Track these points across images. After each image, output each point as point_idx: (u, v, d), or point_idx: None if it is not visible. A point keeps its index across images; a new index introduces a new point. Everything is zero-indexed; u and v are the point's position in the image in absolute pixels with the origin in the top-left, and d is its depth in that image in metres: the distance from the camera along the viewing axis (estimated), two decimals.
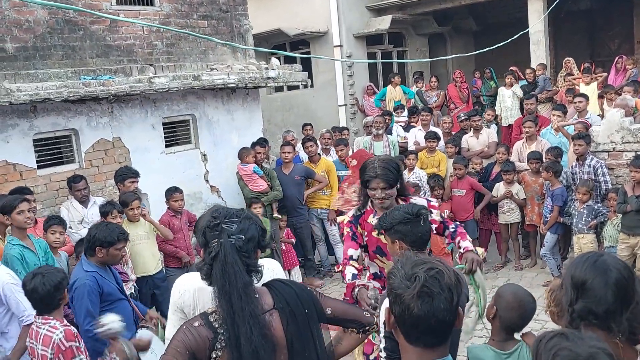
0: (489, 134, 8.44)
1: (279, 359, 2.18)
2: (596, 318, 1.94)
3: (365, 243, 3.68)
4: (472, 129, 8.54)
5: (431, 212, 3.49)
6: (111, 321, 3.21)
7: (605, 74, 10.25)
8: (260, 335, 2.09)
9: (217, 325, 2.10)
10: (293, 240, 7.59)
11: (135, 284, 5.45)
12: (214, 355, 2.08)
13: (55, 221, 5.15)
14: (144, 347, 3.41)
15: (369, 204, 3.71)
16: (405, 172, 7.54)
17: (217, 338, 2.09)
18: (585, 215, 6.42)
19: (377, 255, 3.65)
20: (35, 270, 3.54)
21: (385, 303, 3.64)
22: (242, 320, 2.07)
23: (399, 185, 3.64)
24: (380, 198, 3.53)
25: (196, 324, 2.12)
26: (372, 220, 3.59)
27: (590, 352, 1.59)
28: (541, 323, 5.03)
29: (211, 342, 2.08)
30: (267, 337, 2.12)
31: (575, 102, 8.01)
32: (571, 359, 1.59)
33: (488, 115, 9.28)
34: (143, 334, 4.12)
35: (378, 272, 3.72)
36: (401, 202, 3.62)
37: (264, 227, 2.31)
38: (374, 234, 3.60)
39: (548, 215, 6.82)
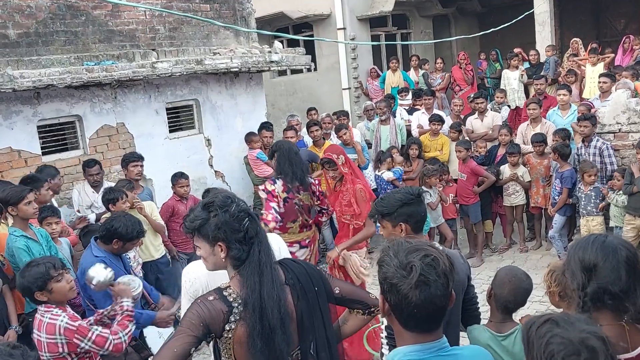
0: (494, 117, 8.35)
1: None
2: (611, 298, 1.94)
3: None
4: (476, 111, 8.48)
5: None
6: (96, 272, 3.20)
7: (612, 55, 10.12)
8: (285, 304, 2.17)
9: (231, 300, 2.14)
10: None
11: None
12: (227, 328, 2.13)
13: (48, 212, 5.03)
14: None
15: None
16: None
17: (232, 312, 2.13)
18: (593, 197, 6.40)
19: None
20: (29, 262, 3.53)
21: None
22: (271, 290, 2.13)
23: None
24: None
25: (210, 297, 2.16)
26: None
27: (581, 337, 1.59)
28: (546, 305, 5.04)
29: (225, 315, 2.12)
30: (288, 307, 2.20)
31: (599, 82, 7.90)
32: (564, 346, 1.59)
33: (498, 97, 9.17)
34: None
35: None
36: None
37: None
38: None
39: (556, 197, 6.79)
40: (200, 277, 2.67)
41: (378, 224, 3.69)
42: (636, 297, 1.95)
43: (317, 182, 5.30)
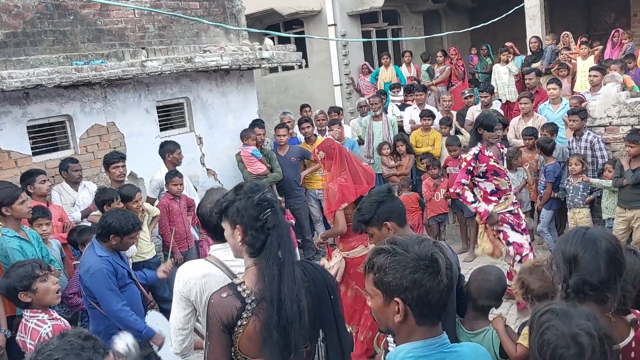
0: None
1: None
2: (592, 289, 1.96)
3: (481, 172, 5.33)
4: (481, 104, 8.39)
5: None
6: (126, 343, 3.07)
7: (600, 47, 10.15)
8: (305, 301, 2.19)
9: (245, 296, 2.17)
10: (293, 221, 7.57)
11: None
12: (239, 323, 2.15)
13: (39, 214, 4.96)
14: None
15: (480, 142, 5.28)
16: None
17: (245, 308, 2.15)
18: (581, 190, 6.43)
19: (494, 177, 5.33)
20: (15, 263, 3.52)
21: None
22: (292, 284, 2.15)
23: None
24: (498, 137, 5.35)
25: (224, 294, 2.18)
26: (488, 152, 5.27)
27: (573, 332, 1.65)
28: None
29: (238, 312, 2.15)
30: (305, 302, 2.23)
31: (590, 76, 7.91)
32: (557, 338, 1.67)
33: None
34: (152, 316, 4.16)
35: (494, 189, 5.39)
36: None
37: None
38: (491, 161, 5.27)
39: (542, 191, 6.83)
40: (194, 279, 2.64)
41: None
42: (617, 288, 1.97)
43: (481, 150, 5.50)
